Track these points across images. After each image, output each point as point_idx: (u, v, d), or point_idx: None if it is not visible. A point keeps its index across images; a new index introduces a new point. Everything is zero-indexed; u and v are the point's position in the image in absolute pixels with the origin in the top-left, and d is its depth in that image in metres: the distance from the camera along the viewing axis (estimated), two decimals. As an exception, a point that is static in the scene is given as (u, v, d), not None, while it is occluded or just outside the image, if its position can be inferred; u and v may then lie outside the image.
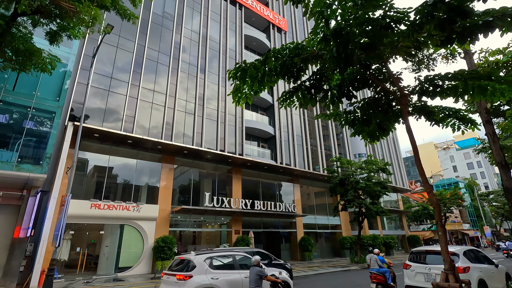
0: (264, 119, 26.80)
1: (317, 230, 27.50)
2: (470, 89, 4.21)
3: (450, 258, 4.64)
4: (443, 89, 4.38)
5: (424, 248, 7.28)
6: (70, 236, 15.93)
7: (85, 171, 16.75)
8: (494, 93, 4.15)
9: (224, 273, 7.70)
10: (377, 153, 35.69)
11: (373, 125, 5.33)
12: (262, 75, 4.76)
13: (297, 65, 4.58)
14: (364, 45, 3.94)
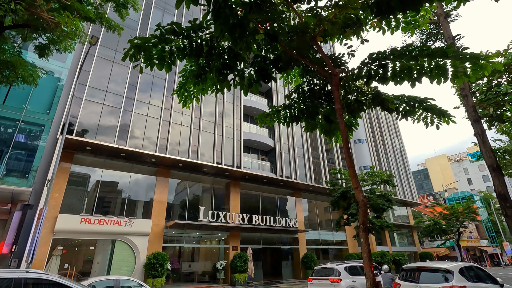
0: (264, 131, 26.39)
1: (321, 246, 26.30)
2: (427, 70, 3.65)
3: (373, 273, 4.01)
4: (395, 71, 3.83)
5: (416, 264, 6.49)
6: (60, 252, 15.48)
7: (78, 185, 16.54)
8: (457, 74, 3.57)
9: (357, 278, 11.29)
10: (383, 165, 34.57)
11: (320, 117, 4.68)
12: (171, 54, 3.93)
13: (208, 43, 4.01)
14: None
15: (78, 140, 15.08)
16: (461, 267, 6.05)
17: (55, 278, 4.62)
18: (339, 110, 3.96)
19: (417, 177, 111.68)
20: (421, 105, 4.16)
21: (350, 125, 4.74)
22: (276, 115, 5.06)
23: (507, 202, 4.72)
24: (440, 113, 4.16)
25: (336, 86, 3.99)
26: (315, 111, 4.33)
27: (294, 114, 4.44)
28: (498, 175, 4.87)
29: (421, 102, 4.14)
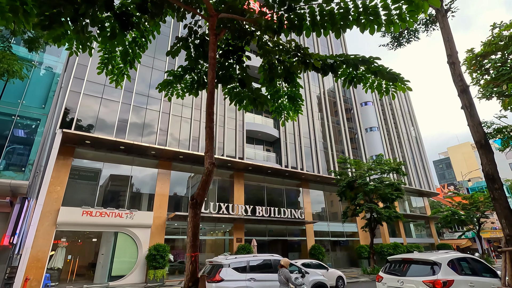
0: (269, 121, 25.82)
1: (330, 238, 25.64)
2: (354, 15, 2.96)
3: (194, 263, 3.19)
4: (314, 18, 3.14)
5: (401, 256, 5.86)
6: (64, 244, 15.88)
7: (80, 178, 16.79)
8: (391, 19, 2.88)
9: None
10: (397, 154, 33.10)
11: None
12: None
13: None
14: None
15: (76, 134, 15.22)
16: (452, 258, 5.37)
17: None
18: (212, 59, 3.28)
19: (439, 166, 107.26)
20: (368, 68, 3.47)
21: (294, 97, 4.08)
22: (180, 81, 3.74)
23: (495, 183, 4.03)
24: (392, 78, 3.47)
25: (212, 30, 3.34)
26: (228, 74, 3.64)
27: (201, 79, 3.54)
28: (486, 152, 4.16)
29: (364, 63, 3.43)
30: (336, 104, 31.23)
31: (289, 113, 4.16)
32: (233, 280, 7.83)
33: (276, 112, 4.15)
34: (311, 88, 29.28)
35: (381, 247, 25.49)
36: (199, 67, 2.81)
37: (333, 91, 31.86)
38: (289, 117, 4.25)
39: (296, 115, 4.25)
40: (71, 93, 16.13)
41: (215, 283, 7.69)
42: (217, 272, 7.98)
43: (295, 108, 4.07)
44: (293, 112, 4.14)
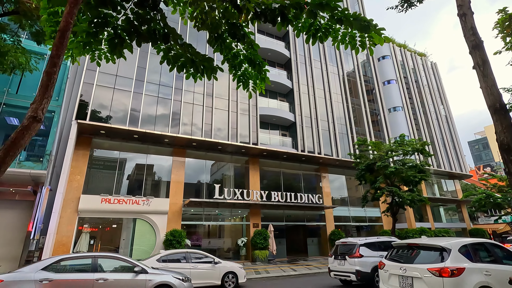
0: (284, 105, 25.09)
1: (351, 223, 24.92)
2: None
3: None
4: None
5: (406, 241, 5.25)
6: (88, 230, 16.68)
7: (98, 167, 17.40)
8: None
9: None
10: (423, 135, 31.05)
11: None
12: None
13: None
14: None
15: (91, 124, 15.64)
16: (465, 244, 4.69)
17: None
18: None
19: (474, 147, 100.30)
20: (332, 15, 2.80)
21: (254, 60, 3.42)
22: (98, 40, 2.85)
23: (510, 154, 3.33)
24: (364, 27, 2.79)
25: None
26: (151, 28, 2.80)
27: (119, 34, 2.70)
28: (501, 118, 3.44)
29: (323, 7, 2.66)
30: (356, 84, 29.65)
31: (255, 83, 3.66)
32: (369, 256, 9.10)
33: (241, 82, 3.66)
34: (329, 68, 27.94)
35: (406, 232, 24.40)
36: (113, 21, 2.37)
37: (353, 71, 30.21)
38: (257, 87, 3.75)
39: (263, 85, 3.73)
40: (84, 85, 16.51)
41: (357, 258, 9.17)
42: (357, 250, 9.37)
43: (261, 76, 3.55)
44: (260, 81, 3.63)
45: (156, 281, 6.84)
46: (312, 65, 26.89)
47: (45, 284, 5.66)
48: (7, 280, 5.46)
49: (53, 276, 5.87)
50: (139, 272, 6.84)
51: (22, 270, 5.87)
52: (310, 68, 26.70)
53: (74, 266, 6.53)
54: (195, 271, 10.02)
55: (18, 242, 13.06)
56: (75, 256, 6.79)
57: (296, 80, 25.31)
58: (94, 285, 6.08)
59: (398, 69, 33.17)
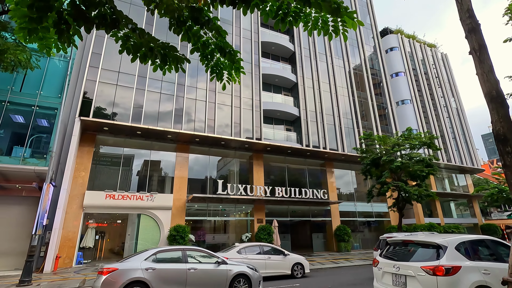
0: (288, 100, 24.79)
1: (358, 218, 24.59)
2: None
3: None
4: None
5: (401, 237, 5.00)
6: (94, 225, 16.95)
7: (100, 163, 17.59)
8: None
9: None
10: (433, 129, 30.25)
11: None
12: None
13: None
14: None
15: (94, 121, 15.76)
16: (463, 241, 4.43)
17: None
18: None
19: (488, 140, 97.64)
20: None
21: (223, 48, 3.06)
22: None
23: (507, 146, 3.08)
24: (334, 10, 2.55)
25: None
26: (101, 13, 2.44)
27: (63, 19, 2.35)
28: (498, 106, 3.18)
29: None
30: (362, 78, 29.01)
31: (230, 73, 3.46)
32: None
33: (215, 73, 3.47)
34: (334, 62, 27.40)
35: (414, 228, 23.94)
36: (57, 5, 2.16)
37: (360, 64, 29.56)
38: (231, 78, 3.56)
39: (238, 75, 3.54)
40: (87, 82, 16.62)
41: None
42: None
43: (235, 66, 3.34)
44: (235, 71, 3.43)
45: (234, 271, 7.60)
46: (317, 58, 26.42)
47: (150, 272, 6.60)
48: (121, 268, 6.50)
49: (155, 265, 6.80)
50: (220, 263, 7.62)
51: (130, 260, 6.89)
52: (315, 62, 26.24)
53: (169, 258, 7.40)
54: (269, 262, 10.98)
55: (25, 237, 13.35)
56: (168, 249, 7.63)
57: (300, 74, 24.94)
58: (187, 273, 6.96)
59: (407, 60, 32.30)
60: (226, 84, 3.74)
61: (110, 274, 6.37)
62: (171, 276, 6.84)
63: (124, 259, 7.25)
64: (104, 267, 6.53)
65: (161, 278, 6.68)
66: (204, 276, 7.18)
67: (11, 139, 14.49)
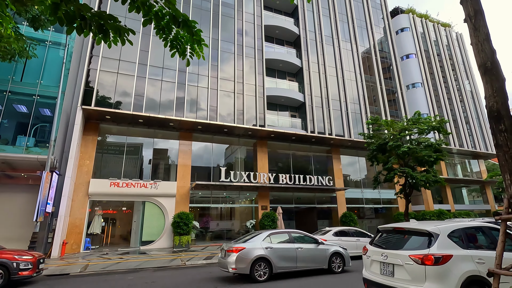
0: (293, 85, 24.21)
1: (365, 205, 24.28)
2: None
3: None
4: None
5: (392, 225, 4.73)
6: (100, 212, 17.30)
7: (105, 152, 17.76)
8: None
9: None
10: (445, 113, 29.12)
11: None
12: None
13: None
14: None
15: (96, 110, 15.80)
16: (457, 228, 4.12)
17: None
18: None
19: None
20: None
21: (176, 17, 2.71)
22: None
23: (500, 123, 2.73)
24: None
25: None
26: None
27: None
28: (492, 79, 2.82)
29: None
30: (371, 61, 27.97)
31: (193, 48, 3.18)
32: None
33: (175, 48, 3.19)
34: (341, 45, 26.43)
35: (423, 214, 23.51)
36: None
37: (368, 47, 28.44)
38: (195, 53, 3.27)
39: (201, 49, 3.25)
40: (88, 71, 16.56)
41: None
42: None
43: (195, 38, 3.05)
44: (197, 45, 3.14)
45: (331, 250, 9.10)
46: (323, 42, 25.53)
47: (269, 250, 8.09)
48: (248, 247, 8.03)
49: (271, 245, 8.28)
50: (319, 243, 9.09)
51: (252, 241, 8.33)
52: (321, 45, 25.38)
53: (279, 239, 8.74)
54: (359, 243, 12.33)
55: (32, 223, 13.72)
56: (278, 232, 9.01)
57: (306, 59, 24.21)
58: (296, 251, 8.40)
59: (419, 42, 30.86)
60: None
61: (240, 252, 7.89)
62: (284, 253, 8.25)
63: (241, 240, 8.71)
64: (233, 247, 8.06)
65: (278, 255, 8.12)
66: (309, 254, 8.64)
67: (16, 128, 14.71)
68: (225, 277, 8.65)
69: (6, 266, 7.33)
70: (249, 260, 7.76)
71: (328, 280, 8.15)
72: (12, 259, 7.49)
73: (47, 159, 10.93)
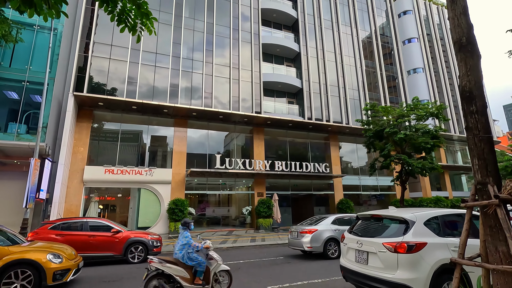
0: (291, 71, 23.74)
1: (362, 192, 24.27)
2: None
3: None
4: None
5: (370, 212, 4.60)
6: (96, 199, 17.38)
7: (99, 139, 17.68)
8: None
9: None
10: (446, 99, 28.59)
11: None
12: None
13: None
14: None
15: (88, 96, 15.60)
16: (435, 215, 3.98)
17: None
18: None
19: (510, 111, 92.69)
20: None
21: None
22: None
23: (471, 104, 2.54)
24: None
25: None
26: None
27: None
28: (467, 56, 2.60)
29: None
30: (372, 46, 27.27)
31: (144, 23, 2.95)
32: None
33: (124, 23, 2.95)
34: (341, 29, 25.71)
35: (420, 201, 23.50)
36: None
37: (369, 31, 27.65)
38: (146, 28, 3.05)
39: (152, 23, 3.02)
40: (80, 57, 16.26)
41: None
42: None
43: (142, 11, 2.79)
44: (147, 19, 2.90)
45: None
46: (322, 26, 24.83)
47: (337, 232, 9.31)
48: (320, 229, 9.23)
49: (338, 227, 9.53)
50: None
51: (321, 224, 9.54)
52: (320, 30, 24.70)
53: (344, 222, 9.78)
54: None
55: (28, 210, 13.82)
56: (342, 216, 10.06)
57: (304, 43, 23.62)
58: None
59: (421, 25, 29.94)
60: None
61: (314, 233, 9.10)
62: None
63: (308, 223, 10.06)
64: (306, 229, 9.30)
65: None
66: None
67: (8, 115, 14.60)
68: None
69: (145, 244, 9.17)
70: (322, 240, 8.99)
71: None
72: (148, 238, 9.35)
73: (35, 146, 10.85)
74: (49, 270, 5.53)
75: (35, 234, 8.57)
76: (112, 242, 8.91)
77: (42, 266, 5.49)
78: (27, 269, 5.40)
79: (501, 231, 2.36)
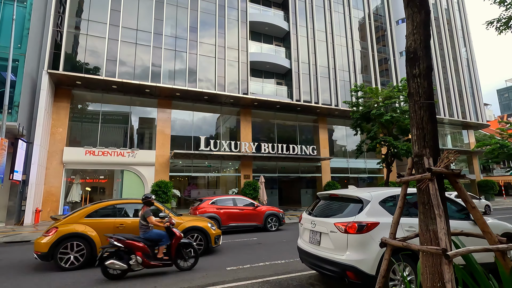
0: (280, 50, 23.04)
1: (350, 174, 24.31)
2: None
3: None
4: None
5: (328, 192, 4.39)
6: (78, 181, 17.07)
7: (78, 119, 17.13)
8: None
9: None
10: (437, 80, 28.21)
11: None
12: None
13: None
14: None
15: (64, 74, 14.92)
16: (392, 195, 3.79)
17: None
18: None
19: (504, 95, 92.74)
20: None
21: None
22: None
23: (415, 66, 2.24)
24: None
25: None
26: None
27: None
28: (415, 12, 2.25)
29: None
30: (364, 26, 26.47)
31: None
32: None
33: None
34: (332, 7, 24.79)
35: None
36: None
37: (362, 10, 26.74)
38: None
39: None
40: (54, 32, 15.42)
41: None
42: None
43: None
44: None
45: None
46: (313, 3, 23.90)
47: None
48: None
49: None
50: None
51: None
52: (311, 8, 23.79)
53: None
54: None
55: (4, 191, 13.49)
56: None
57: (293, 22, 22.78)
58: None
59: (416, 5, 29.01)
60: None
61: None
62: None
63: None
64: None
65: None
66: None
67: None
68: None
69: (278, 216, 11.31)
70: None
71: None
72: (279, 212, 11.49)
73: (2, 125, 10.37)
74: (212, 235, 6.89)
75: (202, 208, 10.48)
76: (256, 214, 11.07)
77: (208, 232, 6.88)
78: (198, 234, 6.79)
79: (433, 209, 2.13)
